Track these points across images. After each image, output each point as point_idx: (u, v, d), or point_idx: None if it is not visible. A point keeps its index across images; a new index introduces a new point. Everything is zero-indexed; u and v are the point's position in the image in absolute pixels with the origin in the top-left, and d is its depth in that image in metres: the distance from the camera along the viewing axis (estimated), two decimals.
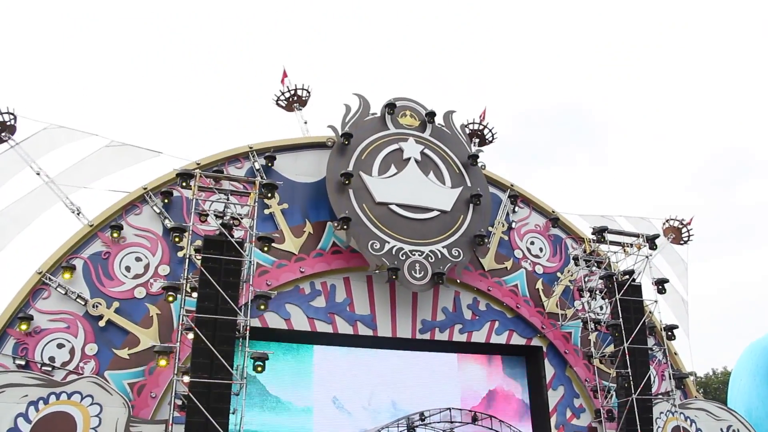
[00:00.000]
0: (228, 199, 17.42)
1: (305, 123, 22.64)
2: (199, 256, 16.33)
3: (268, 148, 21.05)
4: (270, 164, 20.77)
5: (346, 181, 20.60)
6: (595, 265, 22.12)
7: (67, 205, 18.72)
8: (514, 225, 23.56)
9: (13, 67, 77.19)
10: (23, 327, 16.86)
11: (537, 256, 23.47)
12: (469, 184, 22.41)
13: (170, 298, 16.50)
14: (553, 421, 21.58)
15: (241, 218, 17.50)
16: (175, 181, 18.37)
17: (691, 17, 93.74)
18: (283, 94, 22.98)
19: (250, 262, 17.03)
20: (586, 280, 22.11)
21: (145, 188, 19.27)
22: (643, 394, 19.76)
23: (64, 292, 17.62)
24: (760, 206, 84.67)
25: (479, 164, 23.08)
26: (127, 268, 18.48)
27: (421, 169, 22.06)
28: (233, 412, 15.57)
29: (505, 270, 22.72)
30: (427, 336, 21.09)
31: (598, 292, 21.93)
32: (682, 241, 24.97)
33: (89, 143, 19.36)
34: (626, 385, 19.90)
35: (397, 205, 21.13)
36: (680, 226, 24.93)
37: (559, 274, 23.38)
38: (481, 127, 24.90)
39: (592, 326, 21.31)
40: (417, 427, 20.20)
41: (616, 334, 20.51)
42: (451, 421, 20.54)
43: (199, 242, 16.83)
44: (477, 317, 21.91)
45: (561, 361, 22.41)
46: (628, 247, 22.10)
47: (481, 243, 21.55)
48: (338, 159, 21.09)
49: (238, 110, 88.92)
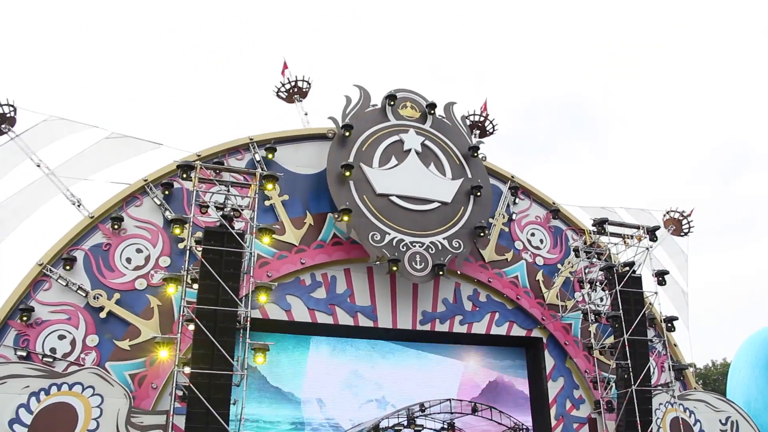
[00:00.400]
0: (228, 191, 17.42)
1: (306, 114, 22.61)
2: (200, 248, 16.34)
3: (268, 139, 21.02)
4: (270, 156, 20.74)
5: (347, 173, 20.57)
6: (596, 256, 22.15)
7: (67, 197, 18.71)
8: (514, 216, 23.56)
9: (14, 60, 77.07)
10: (24, 318, 16.89)
11: (537, 248, 23.47)
12: (470, 176, 22.39)
13: (171, 290, 16.52)
14: (553, 412, 21.64)
15: (242, 210, 17.50)
16: (176, 173, 18.32)
17: (693, 7, 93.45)
18: (283, 85, 22.93)
19: (251, 253, 17.05)
20: (587, 271, 22.15)
21: (146, 180, 19.26)
22: (643, 386, 19.81)
23: (64, 284, 17.65)
24: (760, 199, 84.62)
25: (480, 156, 23.05)
26: (128, 260, 18.50)
27: (422, 161, 22.03)
28: (234, 403, 15.62)
29: (506, 261, 22.72)
30: (427, 327, 21.11)
31: (598, 284, 21.99)
32: (683, 233, 24.94)
33: (89, 135, 19.33)
34: (626, 376, 19.95)
35: (398, 197, 21.12)
36: (681, 218, 24.90)
37: (559, 266, 23.39)
38: (482, 119, 24.84)
39: (592, 318, 21.36)
40: (417, 418, 20.31)
41: (616, 325, 20.55)
42: (451, 412, 20.66)
43: (199, 234, 16.85)
44: (477, 308, 21.94)
45: (561, 353, 22.44)
46: (628, 238, 22.10)
47: (482, 234, 21.55)
48: (339, 150, 21.07)
49: (239, 102, 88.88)
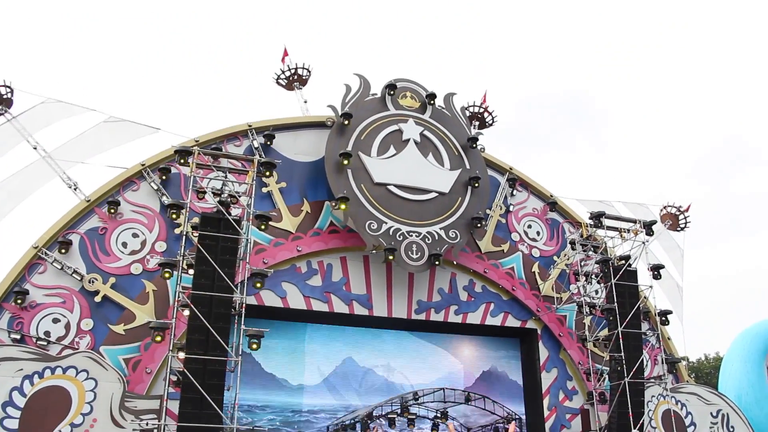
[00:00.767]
0: (226, 177, 17.39)
1: (305, 102, 22.56)
2: (196, 234, 16.32)
3: (267, 126, 20.94)
4: (269, 143, 20.67)
5: (345, 161, 20.52)
6: (592, 249, 22.21)
7: (64, 180, 18.65)
8: (511, 208, 23.55)
9: (11, 41, 76.68)
10: (18, 301, 16.85)
11: (534, 240, 23.49)
12: (468, 167, 22.35)
13: (166, 275, 16.49)
14: (546, 402, 21.72)
15: (239, 196, 17.49)
16: (173, 158, 18.28)
17: (693, 7, 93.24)
18: (283, 72, 22.86)
19: (247, 240, 17.04)
20: (582, 264, 22.21)
21: (143, 164, 19.18)
22: (636, 378, 19.89)
23: (59, 267, 17.59)
24: (757, 195, 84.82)
25: (478, 147, 23.02)
26: (124, 244, 18.45)
27: (420, 151, 21.99)
28: (228, 389, 15.65)
29: (502, 252, 22.73)
30: (422, 316, 21.14)
31: (593, 277, 22.04)
32: (679, 228, 24.98)
33: (87, 118, 19.25)
34: (619, 368, 20.02)
35: (396, 186, 21.07)
36: (678, 213, 24.92)
37: (555, 258, 23.42)
38: (482, 110, 24.79)
39: (587, 310, 21.43)
40: (411, 406, 20.37)
41: (611, 318, 20.60)
42: (445, 401, 20.73)
43: (196, 219, 16.83)
44: (473, 299, 21.96)
45: (555, 344, 22.50)
46: (625, 232, 22.13)
47: (479, 225, 21.54)
48: (337, 139, 21.01)
49: (238, 89, 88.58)
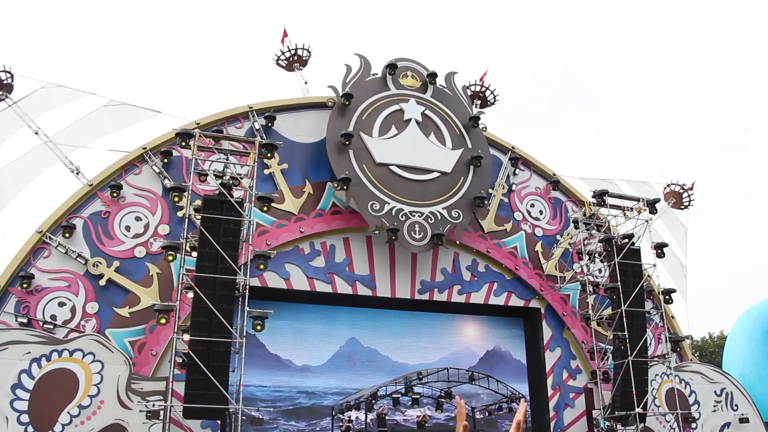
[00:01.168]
0: (227, 159, 17.40)
1: (306, 83, 22.49)
2: (199, 216, 16.36)
3: (267, 108, 20.90)
4: (270, 124, 20.63)
5: (347, 142, 20.48)
6: (595, 228, 22.19)
7: (66, 165, 18.66)
8: (514, 187, 23.51)
9: (11, 26, 76.42)
10: (24, 285, 16.94)
11: (537, 219, 23.46)
12: (470, 146, 22.30)
13: (170, 258, 16.55)
14: (550, 381, 21.81)
15: (241, 178, 17.50)
16: (175, 141, 18.30)
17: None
18: (283, 53, 22.76)
19: (250, 222, 17.08)
20: (586, 243, 22.22)
21: (145, 148, 19.18)
22: (639, 357, 19.95)
23: (64, 251, 17.66)
24: (761, 175, 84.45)
25: (480, 126, 22.95)
26: (127, 228, 18.50)
27: (422, 131, 21.94)
28: (233, 370, 15.76)
29: (505, 232, 22.72)
30: (426, 296, 21.20)
31: (597, 255, 22.05)
32: (683, 206, 24.86)
33: (88, 102, 19.24)
34: (623, 347, 20.08)
35: (398, 166, 21.05)
36: (681, 191, 24.81)
37: (558, 237, 23.41)
38: (483, 89, 24.70)
39: (591, 289, 21.47)
40: (415, 386, 20.45)
41: (614, 297, 20.63)
42: (449, 381, 20.80)
43: (198, 202, 16.85)
44: (476, 278, 21.99)
45: (559, 323, 22.55)
46: (628, 210, 22.10)
47: (481, 205, 21.51)
48: (338, 119, 20.97)
49: (238, 70, 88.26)
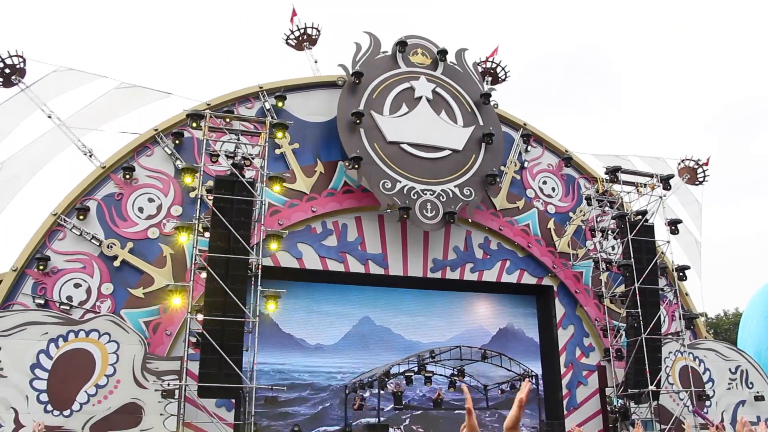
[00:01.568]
0: (239, 140, 17.46)
1: (315, 62, 22.42)
2: (211, 197, 16.46)
3: (278, 87, 20.87)
4: (280, 104, 20.60)
5: (357, 121, 20.45)
6: (608, 205, 22.09)
7: (79, 148, 18.75)
8: (526, 164, 23.40)
9: (21, 10, 76.55)
10: (41, 267, 17.15)
11: (549, 196, 23.34)
12: (482, 123, 22.19)
13: (183, 239, 16.67)
14: (563, 359, 21.83)
15: (252, 158, 17.56)
16: (186, 122, 18.37)
17: None
18: (292, 33, 22.67)
19: (262, 201, 17.18)
20: (599, 220, 22.12)
21: (156, 129, 19.23)
22: (653, 334, 19.91)
23: (78, 233, 17.81)
24: None
25: (492, 103, 22.82)
26: (140, 209, 18.62)
27: (433, 108, 21.85)
28: (246, 350, 15.92)
29: (517, 209, 22.65)
30: (438, 275, 21.23)
31: (610, 232, 21.95)
32: (698, 182, 24.50)
33: (99, 85, 19.28)
34: (636, 324, 20.04)
35: (409, 144, 21.00)
36: (696, 167, 24.50)
37: (571, 214, 23.29)
38: (494, 66, 24.53)
39: (604, 266, 21.41)
40: (427, 364, 20.58)
41: (627, 274, 20.57)
42: (461, 359, 20.89)
43: (210, 183, 16.94)
44: (488, 256, 21.99)
45: (571, 301, 22.52)
46: (641, 187, 21.98)
47: (493, 182, 21.42)
48: (349, 98, 20.92)
49: (248, 50, 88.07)
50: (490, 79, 24.28)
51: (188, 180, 17.25)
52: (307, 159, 20.64)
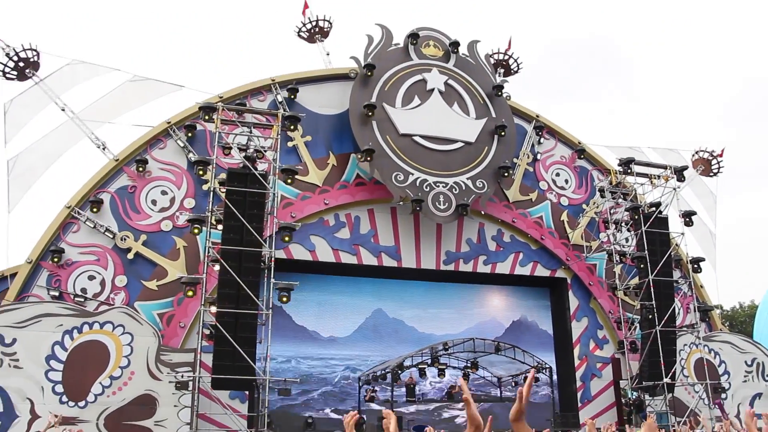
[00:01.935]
0: (251, 132, 17.47)
1: (327, 55, 22.39)
2: (224, 189, 16.47)
3: (290, 80, 20.86)
4: (293, 97, 20.59)
5: (370, 113, 20.40)
6: (621, 196, 21.96)
7: (92, 140, 18.82)
8: (539, 156, 23.30)
9: (35, 4, 76.89)
10: (55, 259, 17.23)
11: (562, 188, 23.24)
12: (494, 115, 22.10)
13: (196, 231, 16.72)
14: (577, 351, 21.76)
15: (265, 151, 17.56)
16: (198, 115, 18.39)
17: None
18: (304, 25, 22.66)
19: (274, 194, 17.19)
20: (612, 212, 22.00)
21: (169, 122, 19.28)
22: (667, 327, 19.80)
23: (92, 226, 17.89)
24: None
25: (504, 95, 22.73)
26: (153, 202, 18.68)
27: (445, 100, 21.78)
28: (260, 342, 15.94)
29: (530, 201, 22.57)
30: (451, 267, 21.20)
31: (623, 224, 21.84)
32: (712, 173, 24.38)
33: (112, 78, 19.34)
34: (650, 317, 19.94)
35: (421, 137, 20.96)
36: (710, 158, 24.36)
37: (584, 206, 23.19)
38: (506, 57, 24.42)
39: (617, 258, 21.31)
40: (441, 356, 20.55)
41: (641, 266, 20.46)
42: (475, 351, 20.86)
43: (223, 175, 16.95)
44: (501, 248, 21.93)
45: (585, 293, 22.43)
46: (655, 178, 21.82)
47: (506, 174, 21.34)
48: (361, 90, 20.88)
49: (260, 43, 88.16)
50: (502, 70, 24.19)
51: (201, 172, 17.32)
52: (320, 151, 20.63)
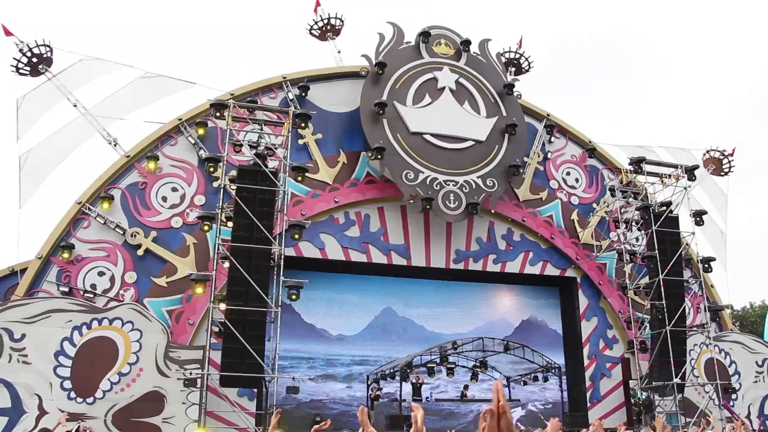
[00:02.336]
0: (262, 129, 17.48)
1: (339, 52, 22.36)
2: (234, 186, 16.50)
3: (301, 78, 20.83)
4: (303, 94, 20.57)
5: (380, 111, 20.36)
6: (632, 196, 21.88)
7: (104, 137, 18.85)
8: (549, 155, 23.22)
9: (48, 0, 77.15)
10: (65, 255, 17.29)
11: (573, 187, 23.17)
12: (505, 114, 22.02)
13: (206, 228, 16.75)
14: (586, 351, 21.69)
15: (275, 148, 17.58)
16: (210, 112, 18.40)
17: None
18: (316, 23, 22.62)
19: (284, 191, 17.19)
20: (623, 211, 21.93)
21: (180, 119, 19.28)
22: (678, 326, 19.73)
23: (103, 222, 17.92)
24: None
25: (515, 93, 22.65)
26: (164, 198, 18.69)
27: (456, 99, 21.71)
28: (269, 339, 15.96)
29: (540, 200, 22.50)
30: (461, 266, 21.15)
31: (634, 224, 21.78)
32: (723, 173, 24.26)
33: (124, 75, 19.33)
34: (660, 316, 19.88)
35: (432, 135, 20.89)
36: (721, 157, 24.25)
37: (594, 205, 23.10)
38: (518, 56, 24.35)
39: (628, 258, 21.24)
40: (450, 355, 20.55)
41: (652, 265, 20.40)
42: (484, 350, 20.85)
43: (233, 172, 16.97)
44: (511, 247, 21.88)
45: (595, 292, 22.36)
46: (666, 177, 21.74)
47: (516, 173, 21.28)
48: (372, 88, 20.84)
49: (271, 40, 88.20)
50: (513, 69, 24.13)
51: (211, 169, 17.35)
52: (330, 149, 20.61)
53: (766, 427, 20.84)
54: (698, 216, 21.76)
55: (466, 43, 22.46)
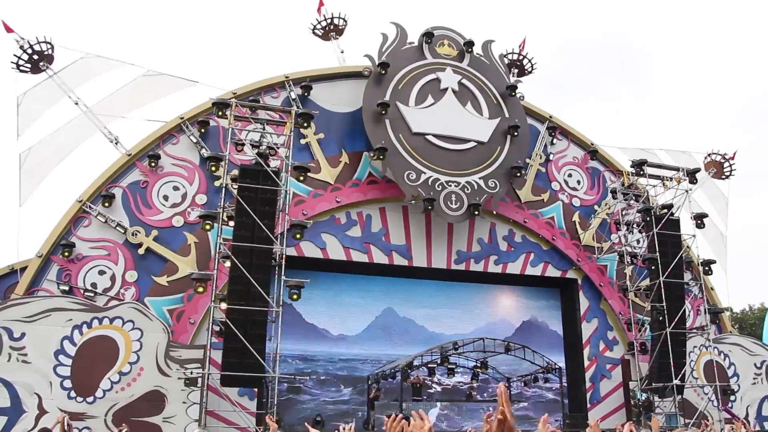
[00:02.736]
0: (264, 129, 17.43)
1: (342, 52, 22.34)
2: (236, 186, 16.45)
3: (304, 77, 20.81)
4: (306, 94, 20.56)
5: (383, 111, 20.33)
6: (633, 198, 21.88)
7: (105, 135, 18.82)
8: (551, 157, 23.20)
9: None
10: (66, 254, 17.23)
11: (574, 189, 23.16)
12: (507, 115, 21.99)
13: (207, 227, 16.70)
14: (586, 352, 21.69)
15: (277, 148, 17.55)
16: (212, 111, 18.36)
17: None
18: (319, 23, 22.59)
19: (286, 191, 17.15)
20: (624, 213, 21.93)
21: (182, 118, 19.26)
22: (678, 328, 19.74)
23: (104, 220, 17.87)
24: None
25: (518, 95, 22.63)
26: (165, 197, 18.65)
27: (459, 100, 21.68)
28: (270, 339, 15.92)
29: (542, 202, 22.50)
30: (462, 267, 21.14)
31: (635, 226, 21.77)
32: (724, 176, 24.29)
33: (126, 73, 19.33)
34: (660, 318, 19.89)
35: (434, 136, 20.86)
36: (722, 161, 24.26)
37: (596, 207, 23.10)
38: (520, 58, 24.34)
39: (629, 260, 21.24)
40: (450, 356, 20.51)
41: (653, 267, 20.38)
42: (485, 351, 20.82)
43: (235, 172, 16.93)
44: (512, 249, 21.86)
45: (596, 294, 22.36)
46: (667, 180, 21.74)
47: (518, 175, 21.27)
48: (375, 89, 20.80)
49: (274, 40, 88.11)
50: (516, 71, 24.13)
51: (213, 168, 17.30)
52: (332, 149, 20.58)
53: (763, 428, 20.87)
54: (699, 219, 21.75)
55: (469, 44, 22.42)
